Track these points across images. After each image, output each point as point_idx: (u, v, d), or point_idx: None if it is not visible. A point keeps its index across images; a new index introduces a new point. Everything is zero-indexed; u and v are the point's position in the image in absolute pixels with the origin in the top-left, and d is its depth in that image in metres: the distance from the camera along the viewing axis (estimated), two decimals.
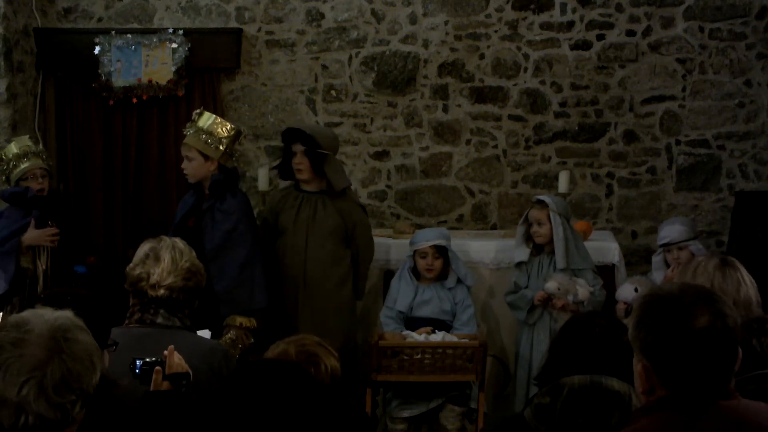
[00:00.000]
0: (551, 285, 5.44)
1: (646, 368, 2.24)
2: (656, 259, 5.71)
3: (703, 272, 3.38)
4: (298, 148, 5.57)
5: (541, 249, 5.67)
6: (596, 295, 5.52)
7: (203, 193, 5.33)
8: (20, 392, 2.21)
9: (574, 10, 6.81)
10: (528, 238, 5.67)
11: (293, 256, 5.56)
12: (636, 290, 5.31)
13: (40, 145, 5.99)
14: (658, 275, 5.60)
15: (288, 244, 5.59)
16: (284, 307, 5.54)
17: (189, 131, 5.30)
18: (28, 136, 5.97)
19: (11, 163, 5.57)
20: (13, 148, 5.61)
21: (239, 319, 5.14)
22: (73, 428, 2.30)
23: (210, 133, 5.26)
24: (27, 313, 2.35)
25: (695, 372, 2.21)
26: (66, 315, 2.37)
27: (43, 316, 2.32)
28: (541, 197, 5.70)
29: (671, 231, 5.55)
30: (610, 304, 5.52)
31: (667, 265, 5.56)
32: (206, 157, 5.25)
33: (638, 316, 2.27)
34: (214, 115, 5.44)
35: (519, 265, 5.70)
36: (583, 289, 5.44)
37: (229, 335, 5.08)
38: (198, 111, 5.45)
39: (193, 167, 5.26)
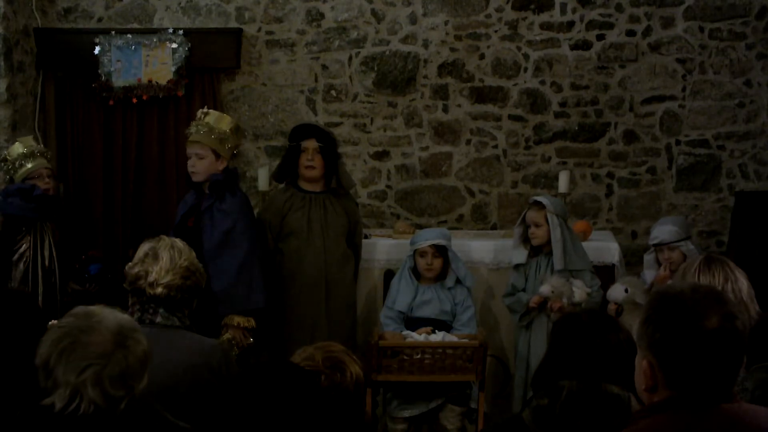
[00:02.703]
0: (544, 288, 5.42)
1: (651, 365, 2.24)
2: (648, 257, 5.71)
3: (689, 270, 3.40)
4: (312, 144, 5.55)
5: (538, 250, 5.64)
6: (593, 296, 5.51)
7: (203, 193, 5.33)
8: (80, 376, 2.30)
9: (574, 10, 6.81)
10: (525, 239, 5.65)
11: (313, 257, 5.56)
12: (626, 291, 5.29)
13: (42, 145, 5.97)
14: (649, 274, 5.60)
15: (305, 246, 5.57)
16: (303, 308, 5.55)
17: (200, 129, 5.27)
18: (32, 136, 5.99)
19: (17, 163, 5.57)
20: (19, 148, 5.61)
21: (237, 319, 5.13)
22: None
23: (221, 132, 5.28)
24: (96, 307, 2.45)
25: (702, 372, 2.20)
26: (130, 318, 2.49)
27: (112, 312, 2.44)
28: (538, 198, 5.67)
29: (662, 231, 5.53)
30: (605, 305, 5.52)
31: (659, 264, 5.56)
32: (218, 156, 5.26)
33: (647, 313, 2.27)
34: (219, 113, 5.47)
35: (516, 266, 5.68)
36: (580, 290, 5.43)
37: (226, 335, 5.08)
38: (204, 110, 5.43)
39: (204, 166, 5.24)
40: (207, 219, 5.23)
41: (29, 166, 5.56)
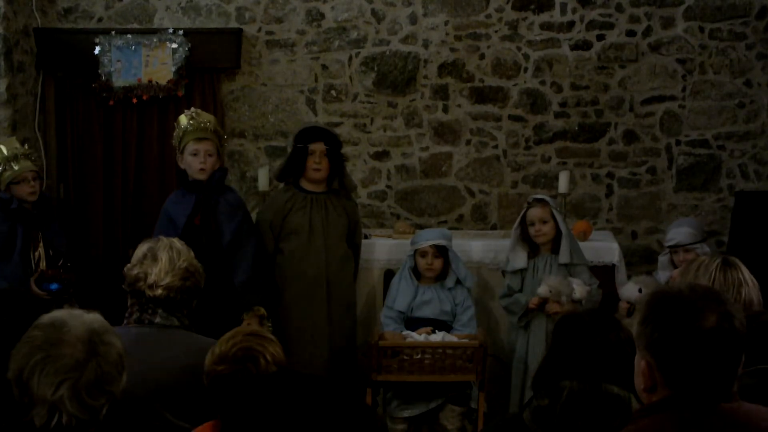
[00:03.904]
0: (542, 289, 5.39)
1: (649, 365, 2.25)
2: (662, 258, 5.70)
3: (704, 272, 3.38)
4: (320, 147, 5.56)
5: (536, 251, 5.60)
6: (594, 294, 5.50)
7: (200, 191, 5.32)
8: (56, 392, 2.24)
9: (574, 10, 6.81)
10: (523, 240, 5.59)
11: (315, 257, 5.57)
12: (640, 290, 5.27)
13: (26, 146, 5.69)
14: (663, 275, 5.58)
15: (306, 246, 5.58)
16: (303, 307, 5.55)
17: (207, 127, 5.29)
18: (15, 137, 5.79)
19: (0, 167, 5.34)
20: (3, 151, 5.38)
21: (262, 310, 5.19)
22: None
23: (220, 131, 5.40)
24: (62, 314, 2.38)
25: (699, 372, 2.21)
26: (98, 318, 2.40)
27: (80, 318, 2.35)
28: (539, 196, 5.66)
29: (678, 233, 5.52)
30: (609, 304, 5.50)
31: (674, 265, 5.54)
32: (218, 154, 5.35)
33: (645, 313, 2.28)
34: (205, 112, 5.52)
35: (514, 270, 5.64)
36: (580, 287, 5.41)
37: (261, 326, 5.05)
38: (195, 110, 5.42)
39: (212, 163, 5.30)
40: (220, 214, 5.26)
41: (15, 168, 5.32)
